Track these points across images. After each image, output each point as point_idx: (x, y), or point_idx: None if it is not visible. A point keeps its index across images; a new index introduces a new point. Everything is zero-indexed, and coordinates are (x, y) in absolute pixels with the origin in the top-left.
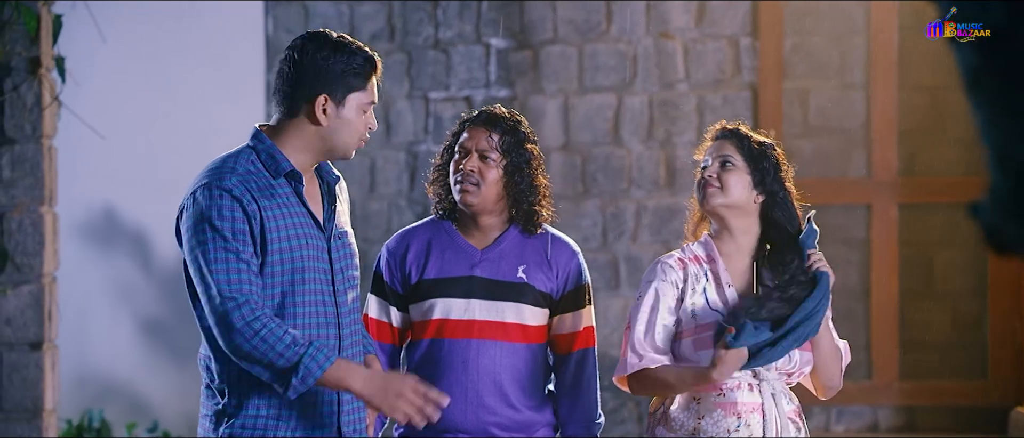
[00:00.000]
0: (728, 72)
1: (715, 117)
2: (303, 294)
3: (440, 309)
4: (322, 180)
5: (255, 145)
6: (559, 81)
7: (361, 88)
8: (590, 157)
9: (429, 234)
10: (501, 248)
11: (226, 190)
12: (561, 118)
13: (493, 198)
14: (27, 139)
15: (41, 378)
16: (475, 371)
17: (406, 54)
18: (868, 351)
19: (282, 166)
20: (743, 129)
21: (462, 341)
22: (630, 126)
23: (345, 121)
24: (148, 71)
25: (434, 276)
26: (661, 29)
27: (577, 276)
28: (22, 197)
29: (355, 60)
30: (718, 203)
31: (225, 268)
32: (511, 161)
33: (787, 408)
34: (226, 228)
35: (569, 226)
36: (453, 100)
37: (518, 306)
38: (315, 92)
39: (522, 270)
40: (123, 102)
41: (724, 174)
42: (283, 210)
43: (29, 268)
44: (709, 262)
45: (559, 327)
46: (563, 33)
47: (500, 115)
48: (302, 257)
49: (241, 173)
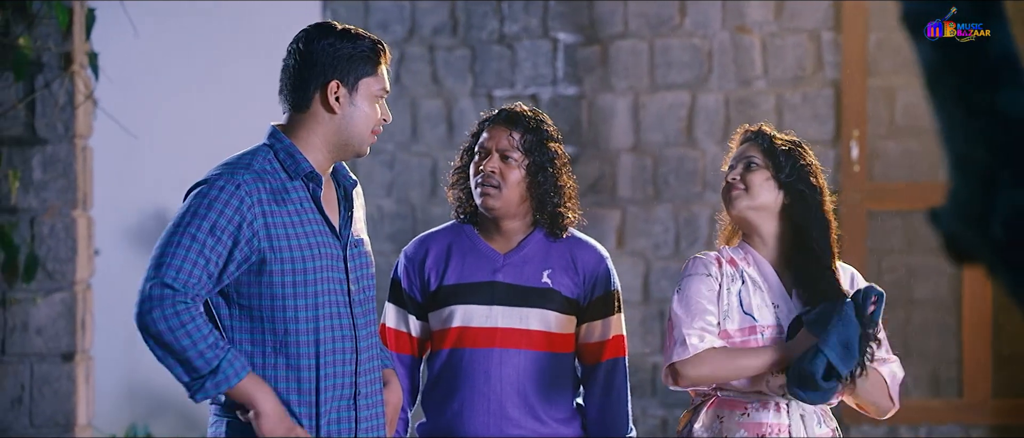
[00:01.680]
0: (809, 68)
1: (795, 116)
2: (317, 306)
3: (460, 316)
4: (338, 184)
5: (272, 143)
6: (629, 78)
7: (371, 74)
8: (662, 159)
9: (449, 239)
10: (525, 252)
11: (234, 184)
12: (631, 117)
13: (516, 201)
14: (59, 139)
15: (73, 391)
16: (498, 381)
17: (469, 49)
18: (959, 366)
19: (302, 166)
20: (766, 129)
21: (483, 350)
22: (704, 126)
23: (358, 109)
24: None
25: (454, 282)
26: (738, 22)
27: (605, 282)
28: (54, 200)
29: (362, 44)
30: (744, 206)
31: (184, 255)
32: (533, 161)
33: (819, 431)
34: (210, 219)
35: (639, 233)
36: (518, 98)
37: (543, 312)
38: (326, 79)
39: (547, 275)
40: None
41: (748, 175)
42: (296, 217)
43: (61, 275)
44: (745, 265)
45: (587, 336)
46: (634, 27)
47: (521, 113)
48: (316, 267)
49: (256, 171)
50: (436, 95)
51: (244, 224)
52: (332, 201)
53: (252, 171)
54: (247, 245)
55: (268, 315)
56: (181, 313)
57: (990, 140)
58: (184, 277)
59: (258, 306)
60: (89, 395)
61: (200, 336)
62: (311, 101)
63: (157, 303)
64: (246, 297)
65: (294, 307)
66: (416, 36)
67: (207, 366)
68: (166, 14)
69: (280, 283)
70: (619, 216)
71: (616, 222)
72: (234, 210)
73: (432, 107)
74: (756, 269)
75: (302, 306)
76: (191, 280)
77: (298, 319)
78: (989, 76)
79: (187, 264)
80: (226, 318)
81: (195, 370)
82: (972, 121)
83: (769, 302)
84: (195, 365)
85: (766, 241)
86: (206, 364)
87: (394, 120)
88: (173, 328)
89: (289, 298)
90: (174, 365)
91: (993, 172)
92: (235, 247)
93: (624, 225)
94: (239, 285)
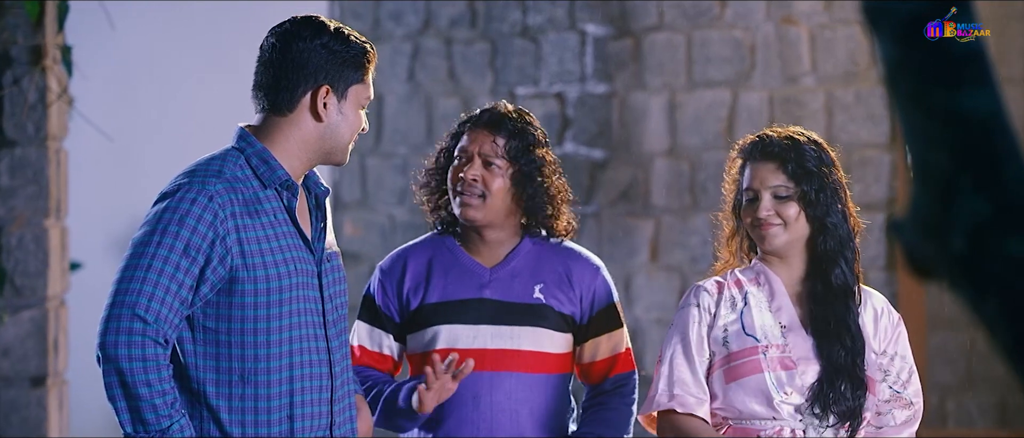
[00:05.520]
0: (862, 64)
1: (847, 117)
2: (290, 327)
3: (445, 338)
4: (309, 191)
5: (243, 147)
6: (664, 75)
7: (360, 81)
8: (700, 164)
9: (429, 252)
10: (513, 265)
11: (206, 196)
12: (666, 118)
13: (500, 211)
14: (29, 141)
15: (44, 419)
16: (487, 408)
17: (490, 43)
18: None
19: (277, 174)
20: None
21: (472, 373)
22: (747, 127)
23: (346, 118)
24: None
25: (437, 300)
26: (784, 13)
27: (604, 296)
28: (23, 208)
29: (354, 48)
30: (783, 243)
31: (155, 279)
32: (519, 169)
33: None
34: (182, 238)
35: (674, 245)
36: (543, 96)
37: (535, 331)
38: (317, 83)
39: (539, 290)
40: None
41: (782, 208)
42: (269, 230)
43: (31, 290)
44: (756, 285)
45: (591, 354)
46: (670, 18)
47: (506, 115)
48: (291, 285)
49: (228, 179)
50: (453, 93)
51: (218, 241)
52: (304, 211)
53: (224, 179)
54: (220, 264)
55: (237, 340)
56: (148, 358)
57: (949, 143)
58: (156, 306)
59: (226, 330)
60: (62, 423)
61: (159, 390)
62: (296, 105)
63: (125, 337)
64: (212, 319)
65: (266, 330)
66: (432, 28)
67: (156, 425)
68: (146, 5)
69: (252, 304)
70: (653, 227)
71: (649, 233)
72: (207, 226)
73: (449, 106)
74: (767, 289)
75: (275, 328)
76: (163, 310)
77: (270, 344)
78: (950, 73)
79: (160, 290)
80: (188, 342)
81: (143, 423)
82: (931, 122)
83: (776, 322)
84: (144, 417)
85: (788, 263)
86: (156, 421)
87: (408, 121)
88: (135, 370)
89: (261, 320)
90: (123, 409)
91: (952, 178)
92: (207, 266)
93: (658, 236)
94: (206, 305)
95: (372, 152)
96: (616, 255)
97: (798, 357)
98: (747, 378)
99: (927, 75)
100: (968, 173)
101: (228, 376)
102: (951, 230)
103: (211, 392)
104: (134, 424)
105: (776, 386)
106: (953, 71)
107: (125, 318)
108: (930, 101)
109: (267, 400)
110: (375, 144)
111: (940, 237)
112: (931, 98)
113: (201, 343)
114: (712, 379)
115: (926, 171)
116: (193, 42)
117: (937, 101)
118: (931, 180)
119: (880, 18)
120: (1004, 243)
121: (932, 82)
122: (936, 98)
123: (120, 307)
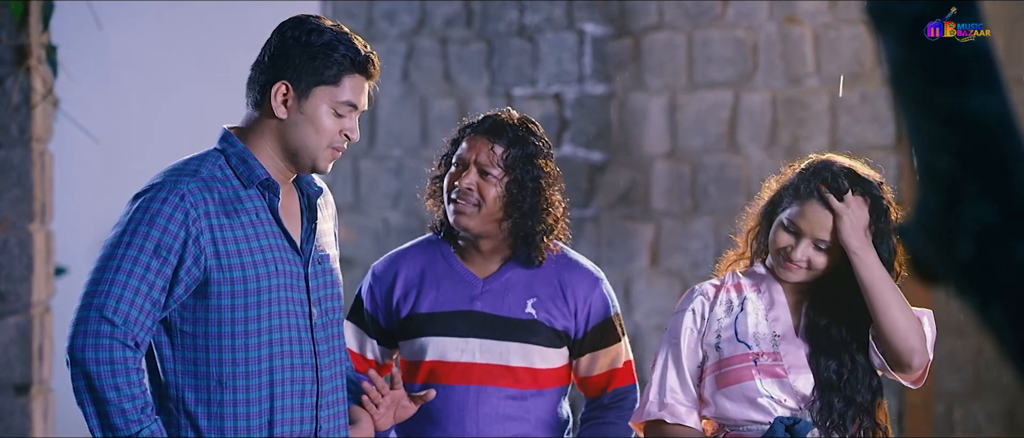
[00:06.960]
0: (867, 64)
1: (851, 118)
2: (270, 330)
3: (433, 350)
4: (301, 192)
5: (224, 148)
6: (665, 75)
7: (332, 83)
8: (701, 166)
9: (423, 259)
10: (507, 277)
11: (177, 194)
12: (667, 119)
13: (494, 221)
14: (13, 143)
15: (29, 428)
16: (474, 423)
17: (486, 43)
18: None
19: (256, 173)
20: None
21: (459, 387)
22: (749, 129)
23: (308, 117)
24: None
25: (428, 310)
26: (787, 13)
27: (601, 310)
28: (7, 212)
29: (334, 50)
30: (799, 280)
31: (124, 281)
32: (514, 178)
33: None
34: (153, 238)
35: (675, 249)
36: (540, 97)
37: (525, 347)
38: (275, 77)
39: (532, 304)
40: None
41: (816, 257)
42: (249, 229)
43: (15, 296)
44: (755, 291)
45: (587, 369)
46: (670, 18)
47: (507, 123)
48: (270, 286)
49: (204, 178)
50: (448, 94)
51: (190, 241)
52: (293, 211)
53: (199, 178)
54: (194, 265)
55: (214, 344)
56: (116, 362)
57: (955, 146)
58: (125, 308)
59: (203, 333)
60: (48, 432)
61: (128, 394)
62: (264, 100)
63: (93, 340)
64: (189, 323)
65: (244, 333)
66: (426, 28)
67: (124, 429)
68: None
69: (228, 306)
70: (653, 231)
71: (649, 238)
72: (178, 225)
73: (444, 108)
74: (767, 297)
75: (253, 331)
76: (133, 311)
77: (248, 347)
78: (956, 75)
79: (128, 292)
80: (166, 347)
81: (111, 428)
82: (936, 124)
83: (770, 330)
84: (112, 421)
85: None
86: (124, 426)
87: (402, 123)
88: (102, 374)
89: (239, 323)
90: (91, 413)
91: (959, 182)
92: (181, 267)
93: (658, 241)
94: (182, 308)
95: (365, 155)
96: (615, 260)
97: (790, 366)
98: (737, 385)
99: (932, 76)
100: (975, 177)
101: (206, 381)
102: (957, 235)
103: (190, 398)
104: (103, 429)
105: (767, 394)
106: (959, 72)
107: (93, 320)
108: (935, 103)
109: (246, 405)
110: (369, 146)
111: (946, 242)
112: (936, 100)
113: (179, 348)
114: (704, 384)
115: (932, 174)
116: (181, 43)
117: (942, 103)
118: (937, 184)
119: (884, 18)
120: (1011, 248)
121: (937, 83)
122: (941, 100)
123: (88, 310)
